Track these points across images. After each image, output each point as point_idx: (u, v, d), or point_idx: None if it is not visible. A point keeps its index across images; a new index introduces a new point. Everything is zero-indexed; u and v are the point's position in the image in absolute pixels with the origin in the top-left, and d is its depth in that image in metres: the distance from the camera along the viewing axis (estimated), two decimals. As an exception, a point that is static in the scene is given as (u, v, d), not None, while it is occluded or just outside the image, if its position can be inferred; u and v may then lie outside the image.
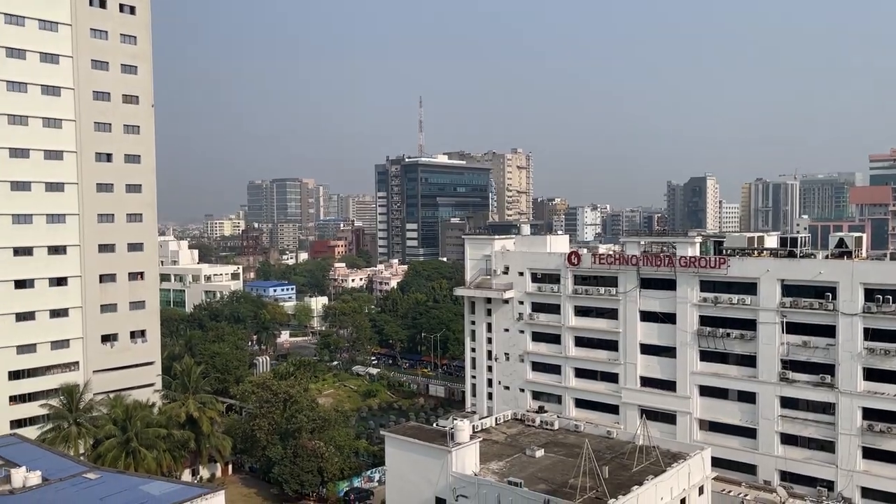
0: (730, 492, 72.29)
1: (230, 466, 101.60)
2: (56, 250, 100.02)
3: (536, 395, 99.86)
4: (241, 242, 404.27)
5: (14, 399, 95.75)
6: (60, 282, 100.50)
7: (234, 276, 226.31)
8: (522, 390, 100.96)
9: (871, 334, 70.77)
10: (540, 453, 67.65)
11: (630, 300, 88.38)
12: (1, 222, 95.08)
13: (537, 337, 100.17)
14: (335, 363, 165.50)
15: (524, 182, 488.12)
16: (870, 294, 71.11)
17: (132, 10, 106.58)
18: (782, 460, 76.47)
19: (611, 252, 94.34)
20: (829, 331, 73.54)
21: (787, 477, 75.77)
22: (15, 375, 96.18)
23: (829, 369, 73.39)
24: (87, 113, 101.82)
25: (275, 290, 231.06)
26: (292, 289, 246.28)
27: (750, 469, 78.20)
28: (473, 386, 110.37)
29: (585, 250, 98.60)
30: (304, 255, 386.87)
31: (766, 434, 77.49)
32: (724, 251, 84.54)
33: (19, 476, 67.22)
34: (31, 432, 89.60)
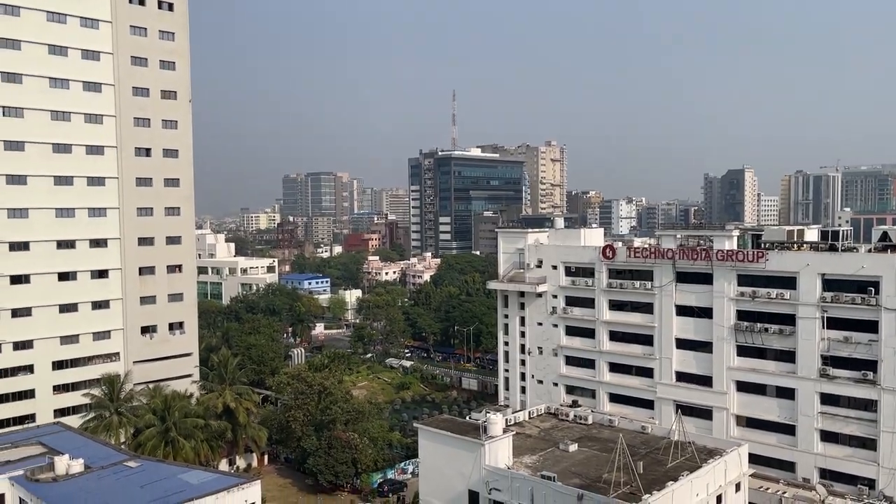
0: (768, 489, 70.91)
1: (266, 457, 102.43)
2: (97, 243, 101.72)
3: (570, 390, 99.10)
4: (277, 236, 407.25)
5: (57, 388, 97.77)
6: (102, 274, 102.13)
7: (270, 268, 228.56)
8: (556, 384, 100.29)
9: (913, 329, 69.07)
10: (573, 448, 67.01)
11: (666, 294, 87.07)
12: (45, 216, 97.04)
13: (571, 331, 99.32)
14: (369, 355, 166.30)
15: (558, 175, 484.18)
16: (914, 289, 69.42)
17: (170, 6, 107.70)
18: (822, 458, 74.82)
19: (646, 245, 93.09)
20: (871, 326, 71.47)
21: (826, 475, 74.20)
22: (58, 365, 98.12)
23: (871, 365, 71.41)
24: (126, 109, 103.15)
25: (309, 283, 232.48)
26: (327, 282, 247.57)
27: (788, 466, 76.64)
28: (506, 379, 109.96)
29: (620, 244, 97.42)
30: (338, 249, 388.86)
31: (806, 431, 75.74)
32: (762, 245, 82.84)
33: (63, 464, 68.83)
34: (74, 421, 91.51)
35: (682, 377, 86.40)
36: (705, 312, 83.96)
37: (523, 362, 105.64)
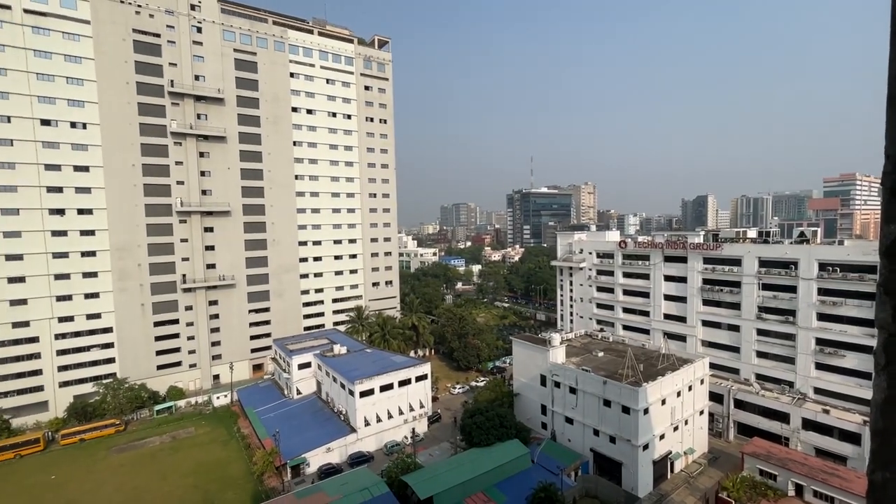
0: (721, 384, 65.17)
1: (432, 351, 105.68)
2: (352, 241, 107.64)
3: (599, 322, 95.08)
4: (437, 237, 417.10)
5: (335, 312, 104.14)
6: (353, 257, 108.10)
7: (434, 254, 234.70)
8: (590, 319, 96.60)
9: (821, 291, 60.90)
10: (601, 354, 64.78)
11: (657, 269, 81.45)
12: (329, 230, 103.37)
13: (599, 289, 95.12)
14: (485, 300, 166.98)
15: (592, 201, 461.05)
16: (822, 266, 60.97)
17: (384, 120, 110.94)
18: (757, 367, 67.63)
19: (646, 240, 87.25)
20: (791, 289, 63.78)
21: (760, 378, 66.97)
22: (334, 301, 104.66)
23: (791, 313, 63.75)
24: (364, 173, 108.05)
25: (453, 261, 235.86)
26: (462, 260, 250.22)
27: (735, 371, 69.84)
28: (561, 315, 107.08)
29: (629, 239, 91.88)
30: (468, 244, 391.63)
31: (747, 351, 68.71)
32: (719, 239, 75.73)
33: (337, 348, 74.87)
34: (341, 327, 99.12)
35: (667, 317, 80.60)
36: (682, 280, 77.84)
37: (571, 306, 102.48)
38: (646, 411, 50.42)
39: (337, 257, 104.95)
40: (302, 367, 74.45)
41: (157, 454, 63.13)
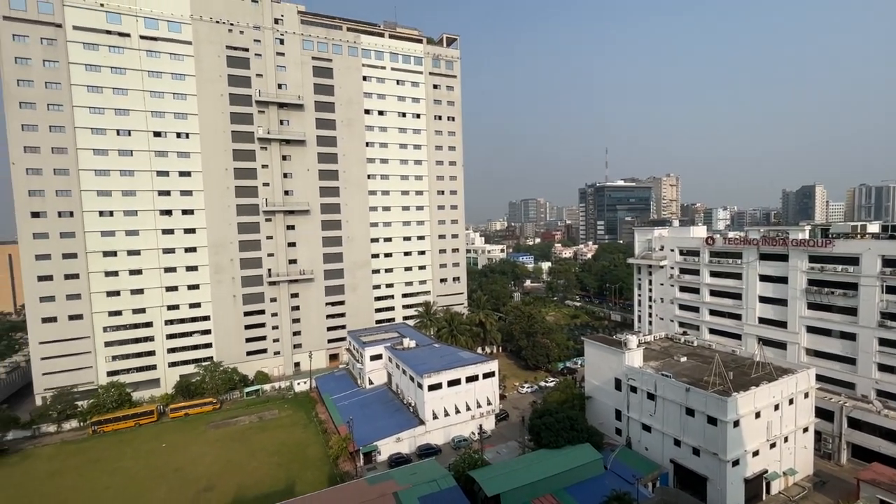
0: (831, 399, 57.66)
1: (499, 348, 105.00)
2: (420, 238, 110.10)
3: (681, 324, 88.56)
4: (505, 234, 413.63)
5: (404, 307, 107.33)
6: (422, 253, 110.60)
7: (501, 251, 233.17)
8: (672, 321, 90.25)
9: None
10: (683, 359, 60.37)
11: (752, 268, 73.94)
12: (398, 227, 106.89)
13: (682, 289, 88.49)
14: (555, 298, 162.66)
15: (674, 194, 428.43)
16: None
17: (452, 118, 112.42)
18: (879, 382, 58.90)
19: (737, 237, 79.56)
20: (925, 293, 54.61)
21: (883, 395, 58.26)
22: (403, 296, 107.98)
23: (924, 321, 54.61)
24: (432, 171, 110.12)
25: (522, 258, 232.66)
26: (531, 257, 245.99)
27: (849, 386, 61.47)
28: (639, 316, 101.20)
29: (718, 235, 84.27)
30: (538, 240, 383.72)
31: (865, 362, 60.10)
32: (829, 235, 66.87)
33: (406, 342, 77.27)
34: (410, 322, 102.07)
35: (763, 321, 72.93)
36: (782, 280, 69.93)
37: (650, 307, 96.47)
38: (736, 424, 46.16)
39: (406, 254, 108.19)
40: (374, 358, 78.01)
41: (247, 432, 69.88)
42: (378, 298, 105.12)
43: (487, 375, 67.40)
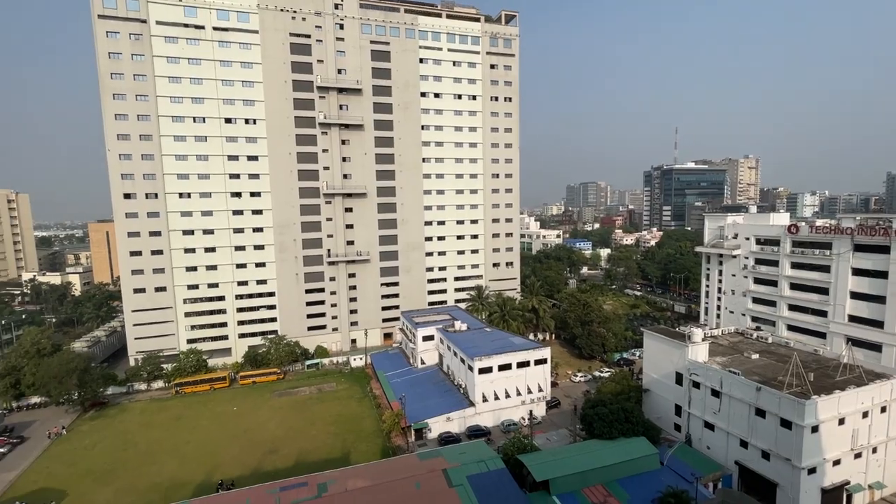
0: (933, 409, 51.10)
1: (552, 335, 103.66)
2: (474, 222, 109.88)
3: (754, 319, 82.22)
4: (561, 218, 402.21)
5: (456, 290, 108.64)
6: (475, 237, 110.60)
7: (557, 236, 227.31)
8: (743, 315, 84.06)
9: None
10: (755, 357, 56.18)
11: (843, 259, 66.65)
12: (452, 210, 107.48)
13: (757, 281, 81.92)
14: (613, 286, 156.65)
15: (753, 177, 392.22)
16: None
17: (509, 99, 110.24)
18: None
19: (827, 225, 71.82)
20: None
21: None
22: (455, 279, 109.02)
23: None
24: (487, 154, 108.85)
25: (579, 244, 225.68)
26: (589, 243, 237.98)
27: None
28: (706, 309, 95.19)
29: (804, 223, 76.48)
30: (596, 225, 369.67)
31: (980, 372, 52.47)
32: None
33: (458, 325, 78.17)
34: (462, 306, 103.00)
35: (854, 319, 65.88)
36: (880, 275, 62.40)
37: (719, 299, 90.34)
38: (814, 429, 42.46)
39: (459, 237, 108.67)
40: (426, 339, 79.89)
41: (307, 402, 74.77)
42: (431, 281, 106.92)
43: (539, 362, 66.78)
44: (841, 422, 43.83)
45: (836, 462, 44.06)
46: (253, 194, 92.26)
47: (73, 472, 56.49)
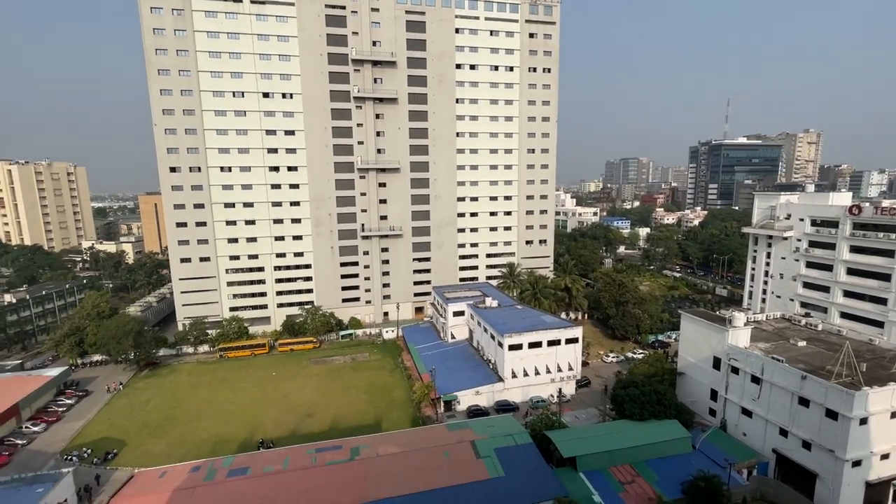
0: None
1: (585, 315, 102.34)
2: (507, 198, 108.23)
3: (803, 305, 78.11)
4: (599, 195, 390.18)
5: (488, 267, 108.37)
6: (508, 214, 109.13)
7: (594, 213, 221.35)
8: (791, 300, 79.98)
9: None
10: (802, 344, 53.72)
11: (909, 244, 61.73)
12: (486, 186, 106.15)
13: (810, 265, 77.41)
14: (651, 267, 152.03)
15: (813, 153, 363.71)
16: None
17: (547, 70, 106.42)
18: None
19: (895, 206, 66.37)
20: None
21: None
22: (487, 256, 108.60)
23: None
24: (523, 128, 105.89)
25: (616, 223, 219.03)
26: (627, 222, 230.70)
27: None
28: (750, 292, 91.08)
29: (868, 204, 70.90)
30: (636, 203, 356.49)
31: None
32: None
33: (488, 301, 78.49)
34: (493, 283, 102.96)
35: (917, 308, 61.39)
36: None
37: (765, 282, 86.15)
38: (863, 421, 40.52)
39: (492, 214, 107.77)
40: (457, 314, 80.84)
41: (341, 370, 77.91)
42: (462, 257, 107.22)
43: (570, 341, 66.45)
44: (893, 415, 41.56)
45: (885, 456, 42.09)
46: (290, 169, 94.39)
47: (131, 425, 61.83)
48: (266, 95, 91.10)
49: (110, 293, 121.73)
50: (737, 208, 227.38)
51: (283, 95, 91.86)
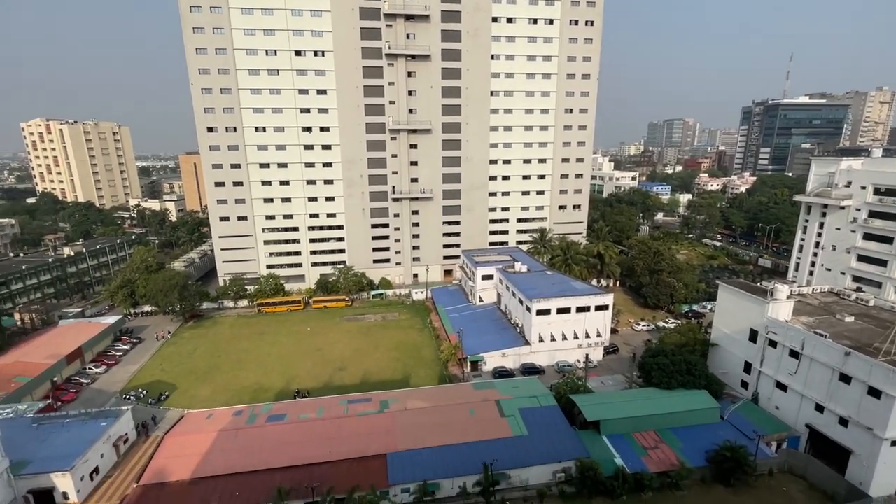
0: None
1: (617, 283, 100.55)
2: (541, 161, 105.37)
3: (856, 279, 73.83)
4: (641, 159, 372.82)
5: (519, 232, 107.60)
6: (542, 177, 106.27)
7: (633, 178, 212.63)
8: (842, 273, 75.66)
9: None
10: (849, 319, 51.25)
11: None
12: (519, 149, 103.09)
13: (868, 237, 72.45)
14: (690, 235, 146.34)
15: (885, 114, 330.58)
16: None
17: (591, 23, 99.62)
18: None
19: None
20: None
21: None
22: (518, 220, 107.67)
23: None
24: (561, 86, 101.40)
25: (656, 188, 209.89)
26: (668, 187, 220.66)
27: None
28: (797, 264, 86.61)
29: (941, 171, 64.89)
30: (679, 168, 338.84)
31: None
32: None
33: (517, 266, 78.36)
34: (523, 247, 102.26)
35: None
36: None
37: (814, 254, 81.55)
38: (909, 401, 38.83)
39: (525, 177, 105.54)
40: (485, 278, 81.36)
41: (372, 328, 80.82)
42: (493, 221, 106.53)
43: (600, 308, 65.94)
44: (944, 396, 39.55)
45: (929, 437, 40.47)
46: (322, 129, 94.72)
47: (180, 371, 67.07)
48: (298, 53, 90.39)
49: (157, 249, 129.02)
50: (790, 174, 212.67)
51: (315, 53, 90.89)
